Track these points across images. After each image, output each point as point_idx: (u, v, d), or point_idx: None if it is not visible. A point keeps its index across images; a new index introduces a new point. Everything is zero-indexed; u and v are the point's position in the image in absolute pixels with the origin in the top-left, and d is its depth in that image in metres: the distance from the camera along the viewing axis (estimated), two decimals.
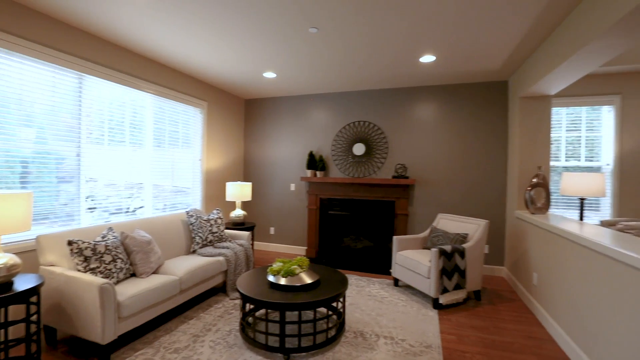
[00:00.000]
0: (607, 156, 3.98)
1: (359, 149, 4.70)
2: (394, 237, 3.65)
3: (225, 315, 2.83)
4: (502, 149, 4.14)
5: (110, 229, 2.64)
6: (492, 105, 4.18)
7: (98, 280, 2.09)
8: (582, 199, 3.37)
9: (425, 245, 3.70)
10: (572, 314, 2.30)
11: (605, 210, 4.00)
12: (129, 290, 2.29)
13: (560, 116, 4.15)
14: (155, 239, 3.10)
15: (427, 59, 3.41)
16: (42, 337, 2.46)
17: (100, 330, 2.07)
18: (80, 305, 2.13)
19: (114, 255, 2.43)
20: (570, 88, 4.04)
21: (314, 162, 4.85)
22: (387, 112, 4.63)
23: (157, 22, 2.71)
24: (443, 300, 3.05)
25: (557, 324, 2.55)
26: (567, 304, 2.38)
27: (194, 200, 4.37)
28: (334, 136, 4.90)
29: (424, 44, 3.07)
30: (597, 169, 4.03)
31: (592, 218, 4.05)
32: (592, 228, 2.42)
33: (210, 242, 3.48)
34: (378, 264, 4.49)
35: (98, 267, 2.32)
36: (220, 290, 3.44)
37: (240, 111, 5.38)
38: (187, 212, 3.51)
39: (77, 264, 2.27)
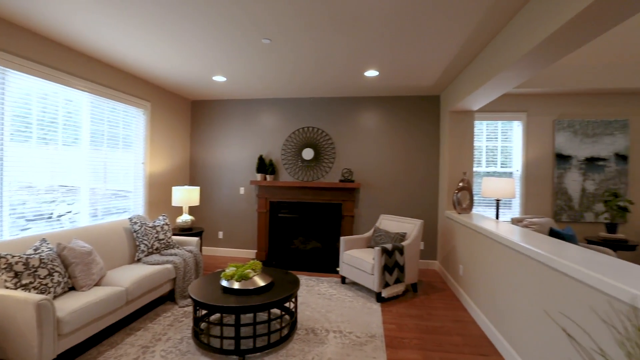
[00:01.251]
0: (516, 163, 4.71)
1: (308, 153, 4.88)
2: (341, 238, 3.89)
3: (175, 324, 2.79)
4: (435, 156, 4.65)
5: (43, 240, 2.44)
6: (428, 117, 4.67)
7: (34, 296, 1.95)
8: (497, 200, 3.97)
9: (370, 244, 4.02)
10: (488, 298, 2.74)
11: (516, 209, 4.72)
12: (70, 305, 2.16)
13: (481, 128, 4.79)
14: (95, 248, 2.91)
15: (371, 73, 3.72)
16: None
17: (36, 350, 1.93)
18: (11, 326, 1.96)
19: (50, 269, 2.26)
20: (489, 105, 4.70)
21: (264, 166, 4.91)
22: (335, 119, 4.89)
23: (96, 22, 2.57)
24: (385, 293, 3.36)
25: (477, 307, 2.99)
26: (485, 290, 2.82)
27: (136, 205, 4.14)
28: (284, 141, 5.01)
29: (368, 61, 3.35)
30: (510, 174, 4.74)
31: (506, 215, 4.76)
32: (504, 225, 2.90)
33: (157, 249, 3.36)
34: (326, 263, 4.71)
35: (32, 283, 2.14)
36: (167, 298, 3.35)
37: (186, 112, 5.21)
38: (131, 219, 3.35)
39: (6, 281, 2.07)
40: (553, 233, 3.70)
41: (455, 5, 2.25)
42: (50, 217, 3.04)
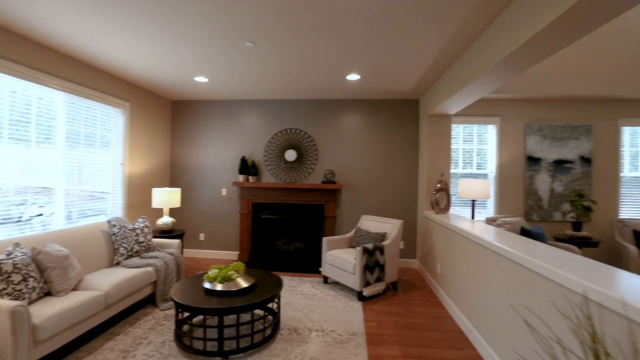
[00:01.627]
0: (491, 165, 4.92)
1: (290, 155, 4.91)
2: (324, 238, 3.95)
3: (156, 327, 2.76)
4: (415, 158, 4.80)
5: (17, 244, 2.36)
6: (408, 120, 4.81)
7: (8, 303, 1.89)
8: (473, 201, 4.14)
9: (351, 244, 4.10)
10: (463, 294, 2.87)
11: (490, 209, 4.94)
12: (46, 310, 2.11)
13: (458, 131, 4.98)
14: (72, 252, 2.84)
15: (353, 77, 3.80)
16: None
17: (10, 358, 1.88)
18: None
19: (24, 274, 2.20)
20: (465, 109, 4.89)
21: (247, 167, 4.91)
22: (317, 121, 4.95)
23: (71, 21, 2.51)
24: (366, 292, 3.45)
25: (453, 303, 3.13)
26: (460, 287, 2.95)
27: (114, 207, 4.05)
28: (267, 142, 5.02)
29: (350, 65, 3.43)
30: (485, 176, 4.95)
31: (481, 215, 4.96)
32: (478, 225, 3.04)
33: (137, 252, 3.31)
34: (309, 264, 4.76)
35: (5, 289, 2.08)
36: (148, 302, 3.30)
37: (167, 113, 5.13)
38: (109, 222, 3.28)
39: None
40: (524, 232, 3.91)
41: (433, 15, 2.36)
42: (19, 221, 2.93)
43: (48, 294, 2.40)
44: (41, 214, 3.15)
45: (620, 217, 4.70)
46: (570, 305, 1.39)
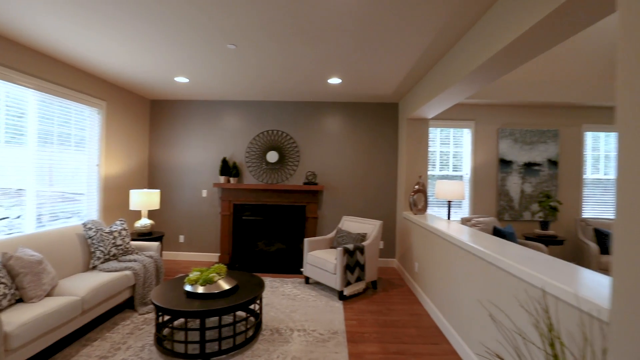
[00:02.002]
0: (466, 167, 5.13)
1: (272, 156, 4.93)
2: (305, 239, 4.00)
3: (135, 332, 2.72)
4: (394, 160, 4.93)
5: None
6: (388, 123, 4.94)
7: None
8: (449, 201, 4.31)
9: (332, 245, 4.17)
10: (439, 291, 3.00)
11: (465, 209, 5.14)
12: (18, 318, 2.05)
13: (435, 134, 5.16)
14: (46, 256, 2.75)
15: (334, 81, 3.87)
16: None
17: None
18: None
19: None
20: (442, 113, 5.07)
21: (228, 168, 4.88)
22: (299, 123, 4.99)
23: (46, 18, 2.44)
24: (347, 292, 3.52)
25: (430, 301, 3.26)
26: (436, 284, 3.08)
27: (90, 209, 3.93)
28: (248, 143, 5.02)
29: (331, 70, 3.50)
30: (460, 177, 5.15)
31: (457, 215, 5.16)
32: (453, 225, 3.19)
33: (114, 255, 3.24)
34: (290, 264, 4.79)
35: None
36: (126, 306, 3.23)
37: (145, 112, 5.02)
38: (85, 225, 3.19)
39: None
40: (496, 231, 4.11)
41: (412, 22, 2.46)
42: None
43: (20, 300, 2.32)
44: (7, 217, 3.02)
45: (583, 216, 5.02)
46: (531, 299, 1.51)
